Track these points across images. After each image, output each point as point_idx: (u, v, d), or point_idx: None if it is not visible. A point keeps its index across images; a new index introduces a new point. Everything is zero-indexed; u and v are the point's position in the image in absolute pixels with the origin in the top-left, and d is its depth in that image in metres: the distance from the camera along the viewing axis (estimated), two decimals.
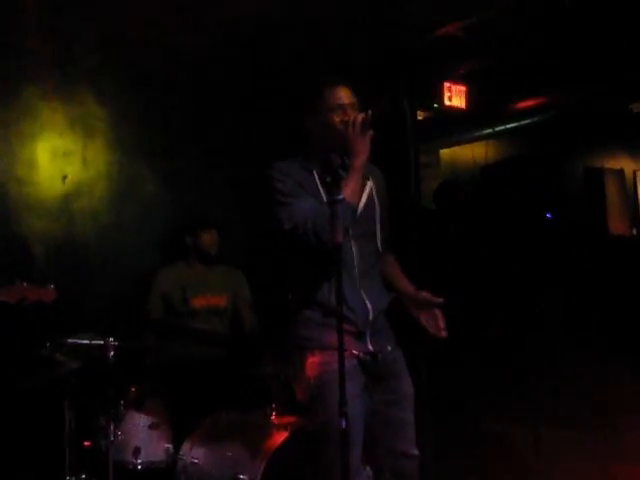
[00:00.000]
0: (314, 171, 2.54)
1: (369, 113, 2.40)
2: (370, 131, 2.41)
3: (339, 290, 2.21)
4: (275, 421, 3.15)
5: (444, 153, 7.25)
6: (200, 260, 4.07)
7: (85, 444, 3.16)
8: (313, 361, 2.47)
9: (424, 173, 6.41)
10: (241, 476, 2.89)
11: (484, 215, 6.35)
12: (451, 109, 5.80)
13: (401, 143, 2.34)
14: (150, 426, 3.23)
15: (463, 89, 5.81)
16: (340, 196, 2.31)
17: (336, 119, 2.50)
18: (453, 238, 5.98)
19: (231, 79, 4.64)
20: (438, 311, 2.55)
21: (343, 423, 2.12)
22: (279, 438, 3.00)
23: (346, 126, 2.43)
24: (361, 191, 2.52)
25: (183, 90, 4.48)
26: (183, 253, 4.10)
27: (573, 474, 3.97)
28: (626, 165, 8.49)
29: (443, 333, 2.53)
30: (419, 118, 6.15)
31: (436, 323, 2.54)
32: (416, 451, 2.56)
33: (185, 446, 3.17)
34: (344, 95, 2.54)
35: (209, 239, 4.06)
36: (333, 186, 2.39)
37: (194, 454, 3.11)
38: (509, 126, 6.20)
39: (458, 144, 7.04)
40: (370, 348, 2.51)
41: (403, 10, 4.75)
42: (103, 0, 4.15)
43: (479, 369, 5.18)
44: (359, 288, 2.52)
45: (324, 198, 2.46)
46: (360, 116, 2.42)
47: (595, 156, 8.17)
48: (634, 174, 8.60)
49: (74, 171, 4.09)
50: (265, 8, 4.60)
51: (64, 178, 4.04)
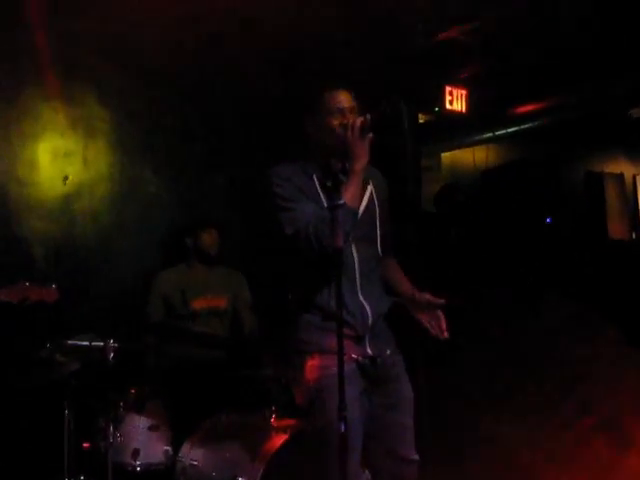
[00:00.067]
0: (314, 175, 2.53)
1: (368, 117, 2.39)
2: (369, 135, 2.39)
3: (339, 294, 2.21)
4: (274, 424, 3.14)
5: (445, 157, 7.25)
6: (201, 260, 4.07)
7: (84, 445, 3.16)
8: (312, 364, 2.47)
9: (425, 176, 6.41)
10: (240, 478, 2.89)
11: (485, 219, 6.35)
12: (452, 113, 5.80)
13: (400, 146, 2.34)
14: (149, 428, 3.22)
15: (464, 93, 5.81)
16: (341, 201, 2.30)
17: (335, 122, 2.49)
18: (454, 242, 5.99)
19: (233, 80, 4.65)
20: (440, 312, 2.56)
21: (342, 427, 2.12)
22: (278, 441, 2.99)
23: (345, 130, 2.42)
24: (361, 195, 2.52)
25: (184, 91, 4.49)
26: (183, 255, 4.10)
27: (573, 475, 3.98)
28: (626, 169, 8.50)
29: (445, 334, 2.54)
30: (420, 121, 6.16)
31: (438, 324, 2.56)
32: (416, 455, 2.56)
33: (184, 448, 3.16)
34: (344, 99, 2.53)
35: (209, 239, 4.06)
36: (333, 191, 2.38)
37: (193, 456, 3.10)
38: (510, 130, 6.21)
39: (459, 148, 7.04)
40: (369, 352, 2.51)
41: (404, 14, 4.76)
42: (104, 0, 4.16)
43: (479, 370, 5.19)
44: (358, 292, 2.51)
45: (324, 203, 2.46)
46: (359, 120, 2.41)
47: (595, 160, 8.17)
48: (634, 178, 8.60)
49: (75, 172, 4.09)
50: (266, 11, 4.61)
51: (65, 179, 4.04)
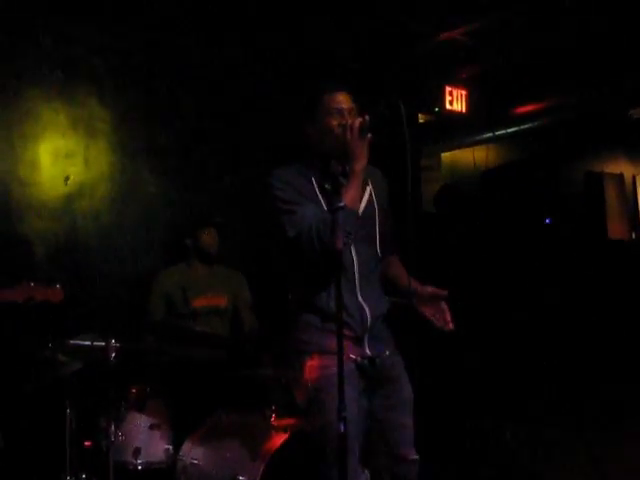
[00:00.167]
0: (312, 178, 2.53)
1: (366, 118, 2.39)
2: (368, 135, 2.39)
3: (339, 296, 2.21)
4: (275, 423, 3.15)
5: (445, 156, 7.24)
6: (201, 260, 4.07)
7: (86, 444, 3.16)
8: (312, 365, 2.49)
9: (425, 176, 6.41)
10: (240, 477, 2.89)
11: (484, 219, 6.36)
12: (452, 113, 5.82)
13: (399, 146, 2.34)
14: (150, 427, 3.24)
15: (464, 93, 5.83)
16: (341, 203, 2.31)
17: (334, 123, 2.49)
18: (453, 242, 6.00)
19: (233, 81, 4.66)
20: (444, 304, 2.56)
21: (342, 427, 2.13)
22: (278, 440, 3.00)
23: (344, 131, 2.42)
24: (361, 196, 2.52)
25: (185, 92, 4.50)
26: (184, 255, 4.12)
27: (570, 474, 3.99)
28: (626, 170, 8.49)
29: (450, 326, 2.54)
30: (420, 122, 6.17)
31: (443, 316, 2.55)
32: (415, 455, 2.57)
33: (185, 447, 3.17)
34: (343, 100, 2.53)
35: (209, 238, 4.06)
36: (333, 193, 2.39)
37: (194, 455, 3.11)
38: (510, 130, 6.21)
39: (459, 148, 7.04)
40: (368, 353, 2.52)
41: (405, 15, 4.78)
42: (105, 1, 4.17)
43: (478, 369, 5.21)
44: (358, 293, 2.52)
45: (323, 205, 2.47)
46: (357, 121, 2.40)
47: (595, 161, 8.16)
48: (633, 179, 8.60)
49: (76, 172, 4.10)
50: (266, 12, 4.64)
51: (66, 179, 4.05)
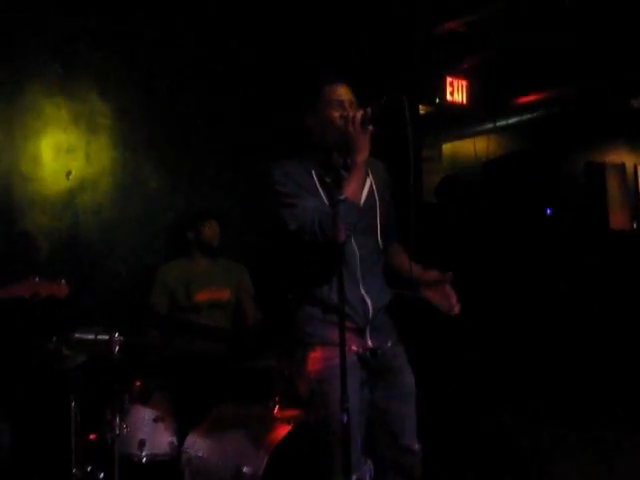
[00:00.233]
0: (313, 171, 2.53)
1: (368, 110, 2.37)
2: (370, 128, 2.38)
3: (341, 288, 2.22)
4: (278, 415, 3.15)
5: (446, 147, 7.26)
6: (203, 253, 4.07)
7: (91, 437, 3.18)
8: (315, 356, 2.50)
9: (426, 167, 6.43)
10: (244, 469, 2.90)
11: (486, 210, 6.37)
12: (453, 104, 5.82)
13: (402, 138, 2.34)
14: (155, 419, 3.24)
15: (465, 84, 5.83)
16: (342, 196, 2.31)
17: (335, 115, 2.48)
18: (455, 233, 6.00)
19: (234, 75, 4.66)
20: (449, 287, 2.56)
21: (345, 418, 2.14)
22: (282, 431, 3.01)
23: (346, 122, 2.40)
24: (362, 188, 2.51)
25: (186, 86, 4.50)
26: (186, 248, 4.13)
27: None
28: (627, 159, 8.50)
29: (456, 309, 2.53)
30: (421, 113, 6.17)
31: (448, 301, 2.55)
32: (418, 445, 2.58)
33: (189, 439, 3.18)
34: (343, 92, 2.53)
35: (210, 231, 4.06)
36: (334, 186, 2.39)
37: (198, 447, 3.12)
38: (511, 121, 6.21)
39: (460, 138, 7.05)
40: (370, 344, 2.53)
41: (405, 6, 4.77)
42: None
43: (479, 360, 5.21)
44: (359, 285, 2.52)
45: (324, 198, 2.47)
46: (359, 113, 2.39)
47: (596, 151, 8.17)
48: (635, 168, 8.61)
49: (78, 167, 4.10)
50: (267, 5, 4.63)
51: (68, 174, 4.06)
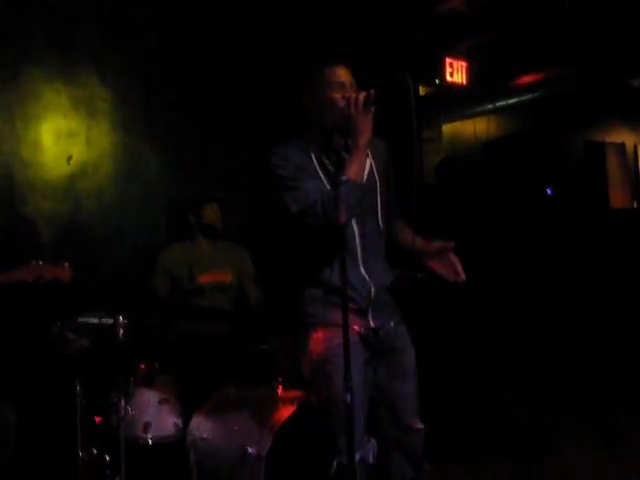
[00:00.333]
0: (312, 154, 2.53)
1: (372, 92, 2.36)
2: (372, 109, 2.37)
3: (343, 269, 2.22)
4: (282, 395, 3.17)
5: (446, 128, 7.24)
6: (205, 235, 4.07)
7: (96, 420, 3.19)
8: (317, 337, 2.52)
9: (426, 148, 6.43)
10: (249, 449, 2.91)
11: (486, 190, 6.37)
12: (453, 85, 5.80)
13: (405, 120, 2.33)
14: (160, 402, 3.26)
15: (464, 65, 5.81)
16: (344, 177, 2.32)
17: (336, 96, 2.47)
18: (454, 213, 6.00)
19: (234, 59, 4.65)
20: (452, 255, 2.56)
21: (348, 397, 2.15)
22: (286, 412, 3.02)
23: (348, 104, 2.39)
24: (363, 169, 2.51)
25: (185, 71, 4.49)
26: (187, 232, 4.13)
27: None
28: (627, 139, 8.48)
29: (462, 276, 2.54)
30: (421, 94, 6.16)
31: (453, 268, 2.55)
32: (420, 424, 2.61)
33: (194, 421, 3.19)
34: (343, 74, 2.54)
35: (211, 214, 4.06)
36: (335, 168, 2.39)
37: (203, 428, 3.14)
38: (510, 101, 6.19)
39: (460, 119, 7.03)
40: (372, 324, 2.55)
41: None
42: None
43: (480, 338, 5.23)
44: (360, 266, 2.53)
45: (324, 180, 2.47)
46: (362, 94, 2.38)
47: (596, 130, 8.15)
48: (635, 147, 8.59)
49: (78, 152, 4.11)
50: None
51: (69, 159, 4.07)
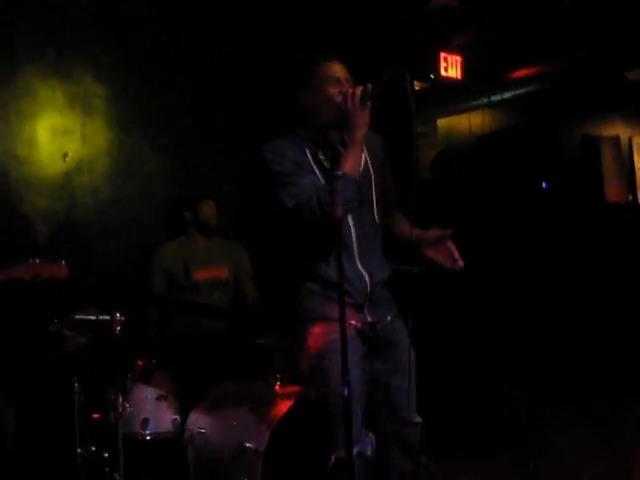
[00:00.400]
0: (306, 149, 2.53)
1: (369, 87, 2.36)
2: (369, 103, 2.37)
3: (340, 264, 2.22)
4: (279, 391, 3.18)
5: (441, 123, 7.24)
6: (201, 232, 4.08)
7: (94, 417, 3.20)
8: (314, 332, 2.52)
9: (421, 143, 6.42)
10: (247, 444, 2.93)
11: (481, 184, 6.38)
12: (447, 79, 5.80)
13: (403, 117, 2.33)
14: (157, 398, 3.27)
15: (459, 59, 5.81)
16: (340, 172, 2.32)
17: (332, 91, 2.47)
18: (450, 208, 6.02)
19: (229, 55, 4.64)
20: (450, 243, 2.57)
21: (346, 392, 2.16)
22: (284, 407, 3.04)
23: (345, 99, 2.39)
24: (359, 164, 2.50)
25: (181, 67, 4.49)
26: (183, 229, 4.14)
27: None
28: (622, 132, 8.47)
29: (460, 262, 2.54)
30: (416, 88, 6.16)
31: (451, 255, 2.55)
32: (418, 418, 2.62)
33: (192, 417, 3.21)
34: (339, 69, 2.53)
35: (208, 211, 4.07)
36: (332, 162, 2.39)
37: (201, 424, 3.15)
38: (505, 95, 6.20)
39: (455, 114, 7.03)
40: (368, 319, 2.55)
41: None
42: None
43: (477, 333, 5.25)
44: (357, 261, 2.53)
45: (318, 175, 2.48)
46: (359, 89, 2.37)
47: (591, 124, 8.15)
48: (630, 141, 8.60)
49: (74, 149, 4.11)
50: None
51: (64, 156, 4.06)
